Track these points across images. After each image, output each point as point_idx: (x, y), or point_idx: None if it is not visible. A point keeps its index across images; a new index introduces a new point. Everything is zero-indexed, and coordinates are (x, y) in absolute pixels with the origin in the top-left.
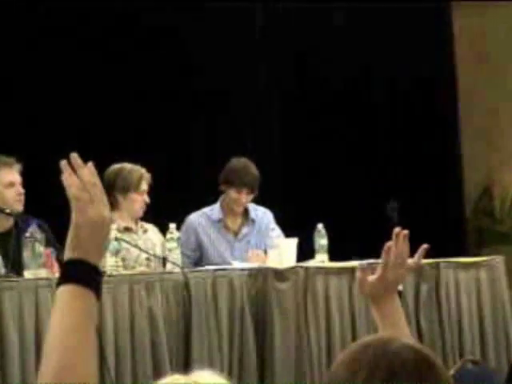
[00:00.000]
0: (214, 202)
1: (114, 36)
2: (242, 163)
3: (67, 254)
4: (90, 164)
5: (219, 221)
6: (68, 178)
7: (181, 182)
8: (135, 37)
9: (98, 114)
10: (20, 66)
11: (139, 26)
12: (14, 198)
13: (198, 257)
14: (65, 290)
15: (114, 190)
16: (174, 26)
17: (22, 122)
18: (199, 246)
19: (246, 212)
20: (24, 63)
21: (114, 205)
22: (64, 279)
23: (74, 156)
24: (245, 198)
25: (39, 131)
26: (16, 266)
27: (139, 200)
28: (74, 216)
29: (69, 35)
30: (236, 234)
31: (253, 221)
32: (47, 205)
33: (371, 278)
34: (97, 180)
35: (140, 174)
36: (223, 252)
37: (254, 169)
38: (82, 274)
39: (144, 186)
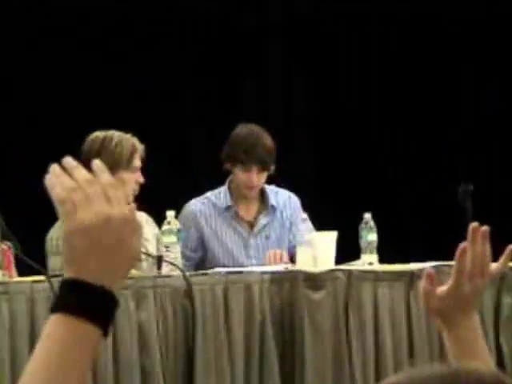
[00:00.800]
0: (219, 184)
1: (114, 36)
2: (248, 131)
3: (64, 273)
4: (96, 161)
5: (228, 208)
6: (52, 179)
7: (181, 160)
8: (135, 37)
9: (97, 107)
10: (20, 65)
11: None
12: None
13: (199, 258)
14: (54, 321)
15: None
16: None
17: (22, 122)
18: (201, 244)
19: (262, 196)
20: (24, 63)
21: None
22: (55, 306)
23: (67, 160)
24: (256, 178)
25: (39, 131)
26: None
27: (131, 180)
28: (63, 224)
29: (69, 35)
30: (251, 225)
31: (273, 208)
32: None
33: (440, 289)
34: (102, 176)
35: (132, 146)
36: (234, 250)
37: (265, 138)
38: (79, 299)
39: (137, 162)
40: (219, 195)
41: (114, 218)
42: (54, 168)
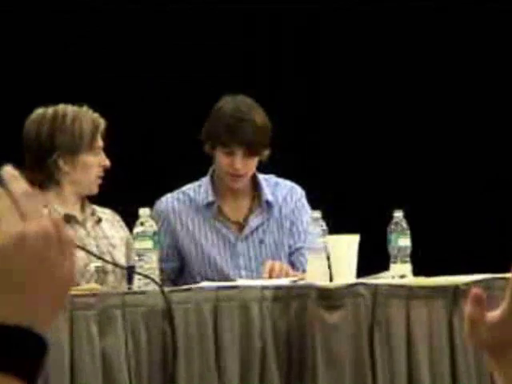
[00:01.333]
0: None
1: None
2: (234, 104)
3: None
4: (8, 168)
5: (209, 205)
6: None
7: (159, 147)
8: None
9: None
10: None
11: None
12: None
13: (172, 270)
14: None
15: (49, 152)
16: None
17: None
18: (176, 252)
19: (255, 189)
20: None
21: (50, 178)
22: None
23: (7, 170)
24: (241, 163)
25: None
26: None
27: (94, 164)
28: None
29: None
30: (240, 227)
31: (269, 204)
32: None
33: (491, 315)
34: (13, 186)
35: (92, 122)
36: (218, 259)
37: (256, 112)
38: None
39: (100, 142)
40: (199, 189)
41: (30, 236)
42: None
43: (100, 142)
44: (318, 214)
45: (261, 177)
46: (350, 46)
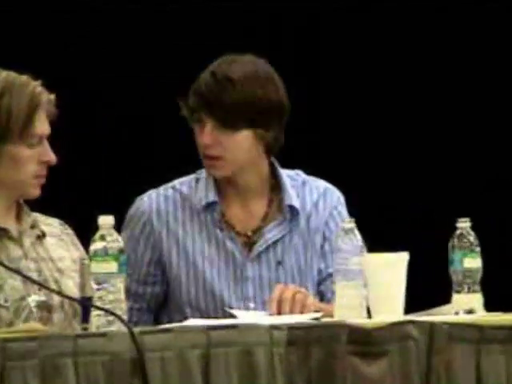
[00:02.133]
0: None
1: None
2: (224, 59)
3: None
4: None
5: (209, 206)
6: None
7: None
8: None
9: None
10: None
11: None
12: None
13: (154, 297)
14: None
15: None
16: None
17: None
18: (159, 270)
19: (273, 188)
20: None
21: None
22: None
23: None
24: (210, 137)
25: None
26: None
27: (31, 159)
28: None
29: None
30: (251, 240)
31: (293, 211)
32: None
33: None
34: None
35: (30, 99)
36: (216, 284)
37: (251, 77)
38: None
39: (41, 127)
40: (195, 184)
41: None
42: None
43: (42, 128)
44: (351, 223)
45: (284, 173)
46: (350, 44)
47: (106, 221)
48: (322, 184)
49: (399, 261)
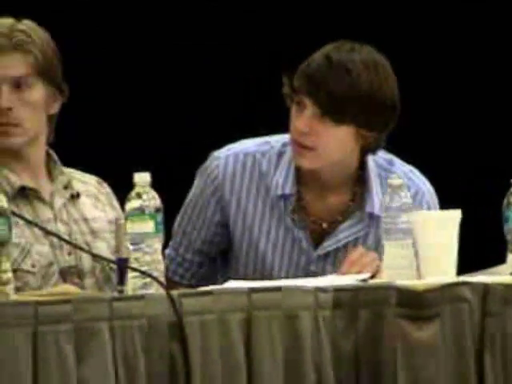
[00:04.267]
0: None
1: None
2: (340, 44)
3: None
4: None
5: (284, 198)
6: None
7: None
8: None
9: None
10: None
11: None
12: None
13: (202, 265)
14: None
15: None
16: None
17: None
18: (217, 238)
19: (358, 182)
20: None
21: None
22: None
23: None
24: (308, 121)
25: None
26: None
27: None
28: None
29: None
30: (322, 234)
31: (372, 215)
32: None
33: None
34: None
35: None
36: (276, 272)
37: (375, 62)
38: None
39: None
40: (275, 162)
41: None
42: None
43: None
44: (398, 179)
45: (375, 163)
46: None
47: (142, 178)
48: (416, 180)
49: (451, 219)
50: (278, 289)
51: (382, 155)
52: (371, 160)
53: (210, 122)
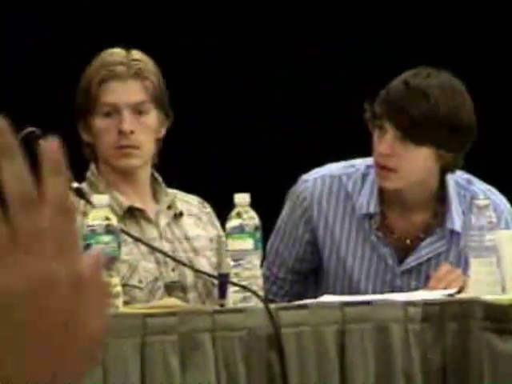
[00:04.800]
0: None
1: None
2: (420, 70)
3: None
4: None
5: (369, 217)
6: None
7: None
8: None
9: None
10: None
11: None
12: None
13: (295, 282)
14: None
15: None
16: None
17: None
18: (308, 256)
19: (439, 202)
20: None
21: (87, 153)
22: None
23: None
24: (390, 146)
25: None
26: None
27: (107, 131)
28: None
29: None
30: (404, 251)
31: (453, 232)
32: None
33: None
34: (53, 185)
35: (99, 66)
36: (363, 285)
37: (447, 92)
38: None
39: (114, 94)
40: (359, 184)
41: (60, 282)
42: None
43: (112, 98)
44: (485, 200)
45: (453, 181)
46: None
47: (242, 199)
48: (493, 202)
49: None
50: (369, 303)
51: (461, 175)
52: (451, 179)
53: (300, 146)
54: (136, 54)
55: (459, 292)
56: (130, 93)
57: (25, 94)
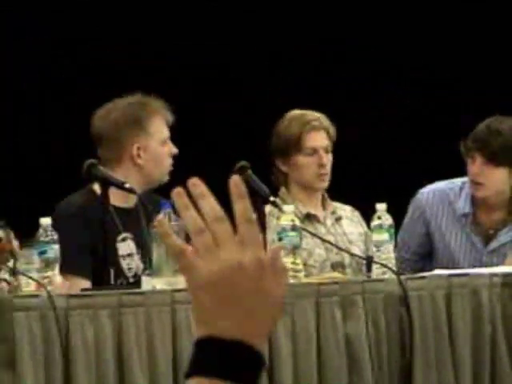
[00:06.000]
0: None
1: None
2: (498, 118)
3: (197, 332)
4: (235, 180)
5: (465, 215)
6: (166, 223)
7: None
8: None
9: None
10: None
11: None
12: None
13: (423, 253)
14: None
15: (274, 155)
16: None
17: None
18: (424, 243)
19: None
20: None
21: (283, 180)
22: (191, 369)
23: (195, 183)
24: (479, 170)
25: None
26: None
27: (307, 164)
28: (185, 277)
29: None
30: (488, 238)
31: None
32: None
33: None
34: (237, 206)
35: (302, 123)
36: (462, 262)
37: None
38: (216, 359)
39: (312, 142)
40: (458, 193)
41: (248, 266)
42: (179, 195)
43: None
44: None
45: None
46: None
47: (381, 206)
48: None
49: None
50: (467, 275)
51: None
52: None
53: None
54: (312, 114)
55: None
56: (322, 140)
57: (25, 94)
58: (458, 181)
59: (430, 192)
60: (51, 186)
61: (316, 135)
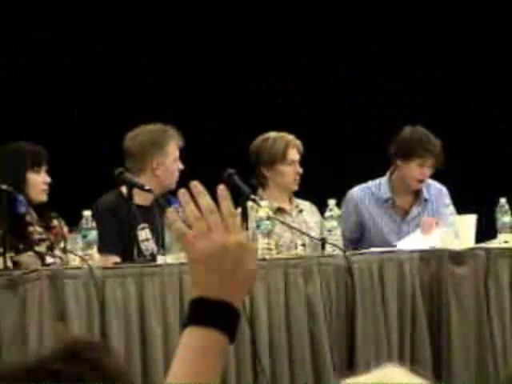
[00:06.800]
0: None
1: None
2: (419, 132)
3: (192, 293)
4: (221, 187)
5: (387, 200)
6: (172, 214)
7: (338, 152)
8: None
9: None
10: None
11: None
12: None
13: (356, 238)
14: (187, 333)
15: (259, 164)
16: None
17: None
18: (359, 226)
19: (419, 193)
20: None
21: (262, 182)
22: (187, 320)
23: (195, 185)
24: (428, 171)
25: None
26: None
27: (289, 172)
28: (185, 253)
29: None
30: (405, 213)
31: (425, 200)
32: None
33: None
34: (223, 204)
35: (286, 142)
36: (387, 234)
37: (433, 137)
38: (204, 312)
39: (293, 156)
40: (379, 186)
41: (231, 246)
42: (183, 194)
43: (293, 156)
44: (448, 201)
45: (429, 182)
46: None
47: (331, 202)
48: (437, 184)
49: (472, 219)
50: (394, 251)
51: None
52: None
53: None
54: (289, 135)
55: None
56: (297, 154)
57: (25, 93)
58: (372, 183)
59: (357, 190)
60: (91, 187)
61: (294, 151)
